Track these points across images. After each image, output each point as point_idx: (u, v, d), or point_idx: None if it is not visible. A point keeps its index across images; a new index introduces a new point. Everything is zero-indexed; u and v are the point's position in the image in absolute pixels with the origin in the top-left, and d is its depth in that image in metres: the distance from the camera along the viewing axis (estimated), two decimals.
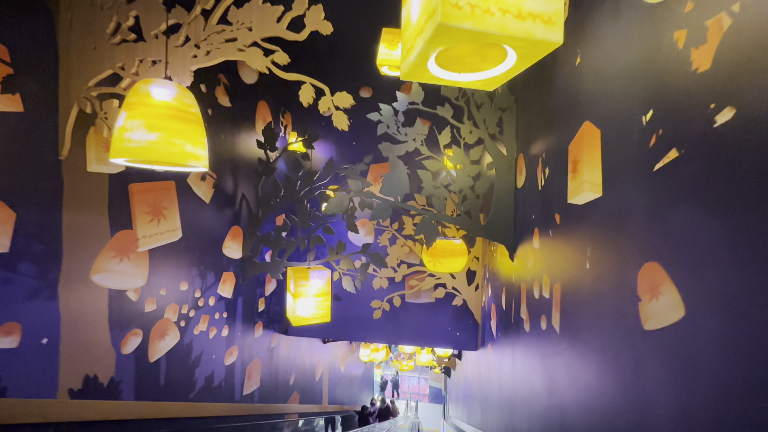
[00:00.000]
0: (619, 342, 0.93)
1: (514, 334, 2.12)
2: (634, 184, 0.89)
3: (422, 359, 6.91)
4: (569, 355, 1.28)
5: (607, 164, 1.04)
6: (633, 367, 0.88)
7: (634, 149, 0.89)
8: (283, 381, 4.52)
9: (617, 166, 0.98)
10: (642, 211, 0.85)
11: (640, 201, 0.86)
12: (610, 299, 0.99)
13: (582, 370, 1.17)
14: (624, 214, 0.93)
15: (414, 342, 4.24)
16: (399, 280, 3.99)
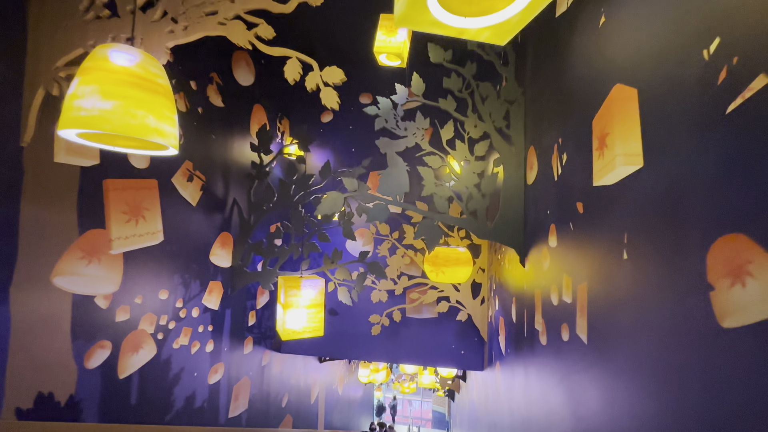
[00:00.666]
0: (679, 348, 0.71)
1: (528, 350, 1.87)
2: (696, 138, 0.68)
3: (424, 381, 6.53)
4: (601, 371, 1.05)
5: (649, 127, 0.84)
6: (702, 379, 0.65)
7: (692, 95, 0.70)
8: (274, 403, 4.21)
9: (665, 125, 0.78)
10: (711, 170, 0.65)
11: (707, 157, 0.66)
12: (662, 293, 0.77)
13: (620, 388, 0.93)
14: (680, 181, 0.73)
15: (415, 361, 3.95)
16: (399, 293, 3.74)
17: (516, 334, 2.21)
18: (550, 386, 1.50)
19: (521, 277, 2.10)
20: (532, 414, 1.76)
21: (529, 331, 1.86)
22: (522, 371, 2.02)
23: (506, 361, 2.52)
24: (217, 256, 3.00)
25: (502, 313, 2.70)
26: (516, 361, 2.20)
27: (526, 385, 1.90)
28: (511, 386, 2.31)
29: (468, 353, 3.85)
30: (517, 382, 2.12)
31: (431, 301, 3.68)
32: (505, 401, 2.50)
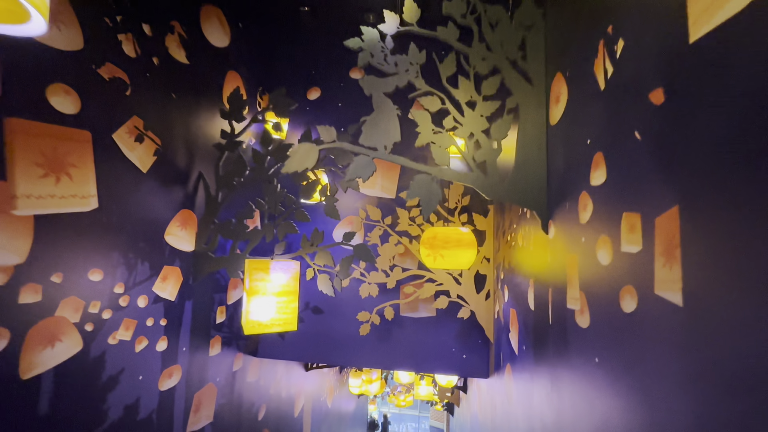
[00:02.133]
0: None
1: (555, 341, 1.41)
2: None
3: (421, 392, 5.98)
4: (718, 346, 0.59)
5: None
6: None
7: None
8: (248, 415, 3.67)
9: None
10: None
11: None
12: None
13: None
14: None
15: (410, 366, 3.45)
16: (392, 287, 3.27)
17: (535, 325, 1.75)
18: (598, 385, 1.03)
19: (543, 248, 1.64)
20: (564, 426, 1.28)
21: (558, 315, 1.40)
22: (546, 371, 1.54)
23: (520, 362, 2.05)
24: (176, 236, 2.54)
25: (514, 304, 2.24)
26: (535, 359, 1.72)
27: (552, 388, 1.43)
28: (529, 391, 1.82)
29: (471, 357, 3.36)
30: (539, 386, 1.64)
31: (428, 296, 3.20)
32: (520, 411, 2.01)
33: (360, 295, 3.30)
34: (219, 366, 3.10)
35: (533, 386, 1.75)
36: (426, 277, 3.21)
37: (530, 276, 1.87)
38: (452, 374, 3.41)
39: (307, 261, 2.62)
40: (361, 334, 3.31)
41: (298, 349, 3.68)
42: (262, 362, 3.92)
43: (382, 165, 3.62)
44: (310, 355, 3.70)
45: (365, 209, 3.35)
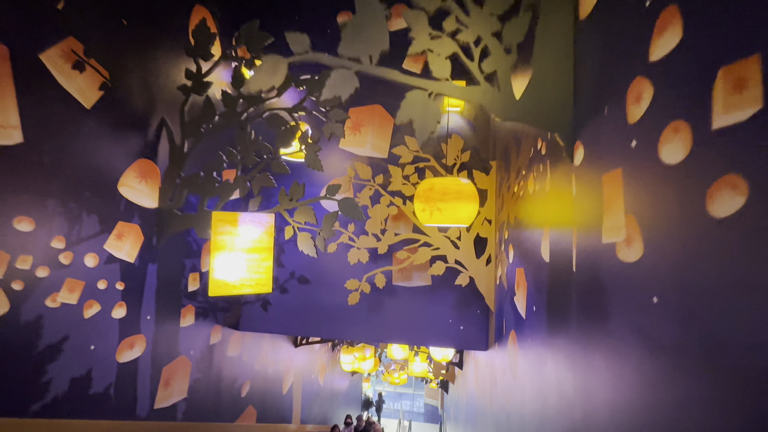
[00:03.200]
0: None
1: (584, 289, 1.12)
2: None
3: (415, 369, 5.80)
4: None
5: None
6: None
7: None
8: (230, 391, 3.43)
9: None
10: None
11: None
12: None
13: None
14: None
15: (404, 339, 3.20)
16: (383, 252, 2.97)
17: (551, 278, 1.46)
18: (659, 333, 0.74)
19: (564, 183, 1.33)
20: (596, 394, 1.00)
21: (587, 257, 1.10)
22: (565, 331, 1.26)
23: (529, 326, 1.77)
24: (133, 189, 2.20)
25: (522, 263, 1.95)
26: (550, 318, 1.44)
27: (577, 349, 1.14)
28: (541, 357, 1.55)
29: (468, 329, 3.11)
30: (555, 349, 1.36)
31: (423, 262, 2.91)
32: (529, 381, 1.75)
33: (348, 261, 3.01)
34: (192, 338, 2.82)
35: (547, 351, 1.47)
36: (421, 241, 2.91)
37: (544, 224, 1.57)
38: (449, 347, 3.18)
39: (286, 218, 2.30)
40: (350, 303, 3.03)
41: (282, 321, 3.41)
42: (245, 336, 3.66)
43: (373, 120, 3.27)
44: (296, 329, 3.44)
45: (354, 167, 3.01)
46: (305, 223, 2.24)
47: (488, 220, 2.83)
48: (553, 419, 1.42)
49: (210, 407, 3.12)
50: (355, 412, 9.67)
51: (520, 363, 1.93)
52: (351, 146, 3.27)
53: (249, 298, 3.44)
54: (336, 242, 3.04)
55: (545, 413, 1.49)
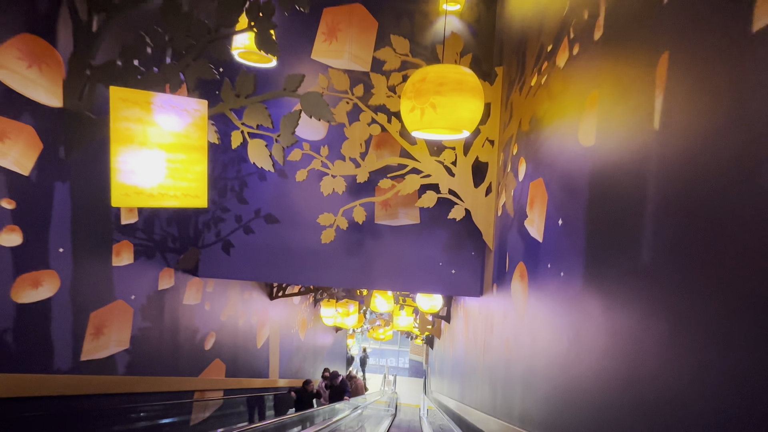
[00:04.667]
0: None
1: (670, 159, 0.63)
2: None
3: (401, 323, 5.55)
4: None
5: None
6: None
7: None
8: (189, 344, 3.03)
9: None
10: None
11: None
12: None
13: None
14: None
15: (387, 285, 2.81)
16: (363, 181, 2.48)
17: (596, 167, 0.99)
18: None
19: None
20: (638, 334, 0.54)
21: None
22: (622, 245, 0.81)
23: (549, 250, 1.35)
24: (16, 75, 1.60)
25: (541, 172, 1.49)
26: (592, 228, 1.00)
27: (649, 275, 0.69)
28: (568, 287, 1.13)
29: (461, 273, 2.72)
30: (597, 274, 0.92)
31: (411, 192, 2.44)
32: (542, 322, 1.35)
33: (321, 192, 2.51)
34: (132, 281, 2.34)
35: (583, 274, 1.04)
36: (409, 166, 2.42)
37: (585, 98, 1.08)
38: (438, 293, 2.81)
39: (233, 120, 1.76)
40: (323, 242, 2.58)
41: (248, 267, 2.95)
42: (207, 284, 3.21)
43: (352, 25, 2.66)
44: (264, 274, 3.00)
45: (327, 76, 2.43)
46: (258, 127, 1.71)
47: (490, 141, 2.34)
48: (584, 368, 1.01)
49: (165, 360, 2.72)
50: (341, 369, 9.63)
51: (532, 299, 1.52)
52: (325, 57, 2.67)
53: (208, 240, 2.95)
54: (306, 169, 2.53)
55: (572, 358, 1.09)
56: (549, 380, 1.28)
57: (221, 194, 2.95)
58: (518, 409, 1.63)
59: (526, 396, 1.53)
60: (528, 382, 1.50)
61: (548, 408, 1.29)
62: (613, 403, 0.89)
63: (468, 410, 3.06)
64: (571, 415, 1.11)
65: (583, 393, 1.04)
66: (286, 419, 3.69)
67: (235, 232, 2.96)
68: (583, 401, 1.05)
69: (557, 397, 1.21)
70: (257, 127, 1.73)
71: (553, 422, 1.24)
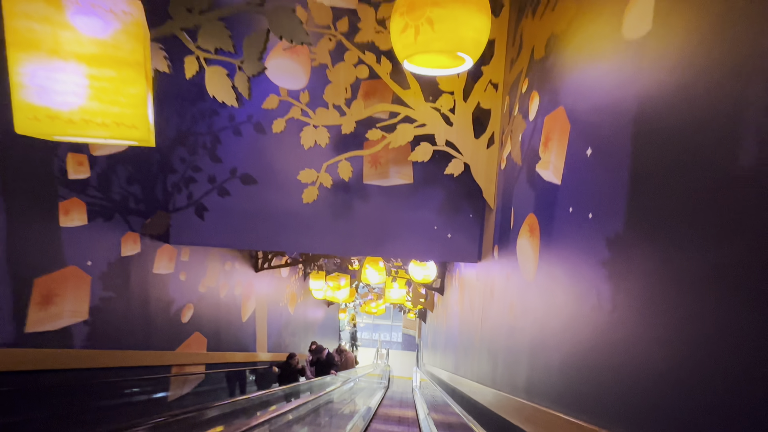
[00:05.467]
0: None
1: None
2: None
3: (393, 295, 5.40)
4: None
5: None
6: None
7: None
8: (163, 316, 2.80)
9: None
10: None
11: None
12: None
13: None
14: None
15: (377, 251, 2.57)
16: (349, 132, 2.18)
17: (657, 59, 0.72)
18: None
19: None
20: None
21: None
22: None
23: (570, 192, 1.10)
24: None
25: (562, 98, 1.22)
26: (639, 147, 0.74)
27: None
28: (595, 233, 0.89)
29: (458, 237, 2.48)
30: (641, 218, 0.67)
31: (403, 144, 2.16)
32: (560, 280, 1.12)
33: (302, 144, 2.22)
34: (87, 245, 2.07)
35: (624, 210, 0.79)
36: (401, 114, 2.13)
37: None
38: (432, 259, 2.59)
39: (185, 43, 1.44)
40: (305, 201, 2.31)
41: (225, 232, 2.69)
42: (181, 252, 2.95)
43: None
44: (242, 240, 2.73)
45: (307, 9, 2.09)
46: (216, 52, 1.41)
47: (494, 84, 2.05)
48: (623, 332, 0.79)
49: (135, 333, 2.48)
50: (333, 344, 9.59)
51: (544, 255, 1.29)
52: None
53: (179, 203, 2.67)
54: (284, 118, 2.22)
55: (604, 318, 0.86)
56: (567, 347, 1.06)
57: (191, 151, 2.64)
58: (523, 380, 1.43)
59: (534, 366, 1.32)
60: (537, 350, 1.29)
61: (564, 380, 1.07)
62: (662, 376, 0.67)
63: (461, 380, 2.91)
64: (595, 388, 0.90)
65: (615, 363, 0.82)
66: (279, 391, 3.54)
67: (209, 194, 2.67)
68: (613, 373, 0.83)
69: (577, 366, 1.00)
70: (216, 52, 1.42)
71: (570, 395, 1.03)
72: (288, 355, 4.31)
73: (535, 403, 1.27)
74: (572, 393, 1.02)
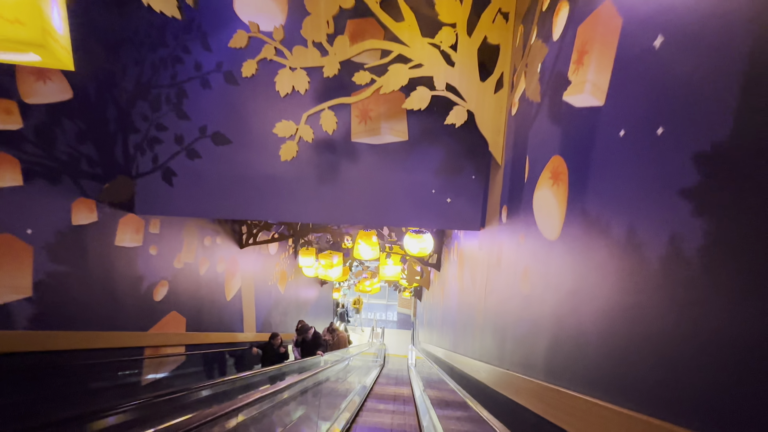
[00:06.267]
0: None
1: None
2: None
3: (387, 273, 5.17)
4: None
5: None
6: None
7: None
8: (132, 294, 2.52)
9: None
10: None
11: None
12: None
13: None
14: None
15: (367, 218, 2.29)
16: (332, 75, 1.86)
17: None
18: None
19: None
20: None
21: None
22: None
23: (618, 111, 0.81)
24: None
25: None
26: None
27: None
28: (663, 171, 0.59)
29: (458, 201, 2.21)
30: None
31: (396, 89, 1.84)
32: (591, 242, 0.84)
33: (277, 90, 1.89)
34: (24, 210, 1.76)
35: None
36: (394, 53, 1.80)
37: None
38: (430, 226, 2.33)
39: None
40: (282, 158, 2.01)
41: (197, 200, 2.38)
42: (149, 223, 2.65)
43: None
44: (216, 209, 2.43)
45: None
46: None
47: (503, 13, 1.72)
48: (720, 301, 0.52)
49: (97, 312, 2.21)
50: (327, 324, 9.44)
51: (575, 203, 1.01)
52: None
53: (143, 167, 2.35)
54: (255, 59, 1.89)
55: (677, 277, 0.59)
56: (615, 316, 0.80)
57: (154, 107, 2.30)
58: (542, 358, 1.18)
59: (559, 341, 1.07)
60: (565, 322, 1.04)
61: (610, 360, 0.82)
62: None
63: (461, 359, 2.71)
64: (670, 374, 0.64)
65: (705, 337, 0.56)
66: (273, 371, 3.31)
67: (177, 156, 2.35)
68: (701, 351, 0.57)
69: (636, 342, 0.74)
70: None
71: (620, 380, 0.78)
72: (270, 334, 4.08)
73: (558, 386, 1.02)
74: (624, 377, 0.77)
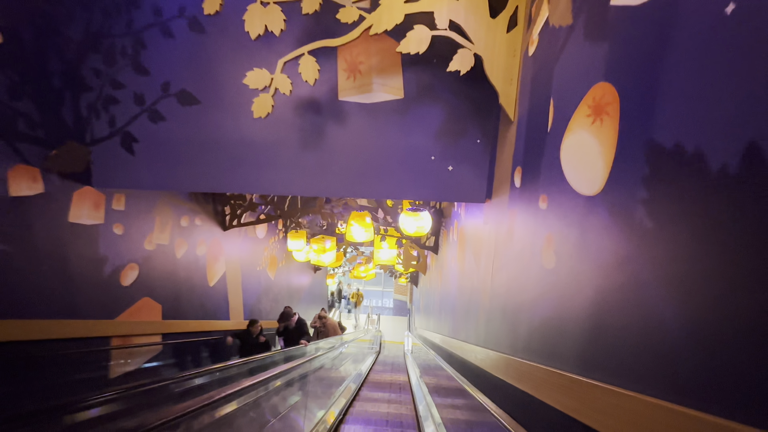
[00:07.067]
0: None
1: None
2: None
3: (382, 256, 4.92)
4: None
5: None
6: None
7: None
8: (93, 278, 2.24)
9: None
10: None
11: None
12: None
13: None
14: None
15: (356, 190, 2.01)
16: (311, 11, 1.55)
17: None
18: None
19: None
20: None
21: None
22: None
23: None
24: None
25: None
26: None
27: None
28: None
29: (461, 169, 1.93)
30: None
31: (390, 28, 1.54)
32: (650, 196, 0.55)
33: (247, 32, 1.58)
34: None
35: None
36: None
37: None
38: (428, 198, 2.06)
39: None
40: (255, 115, 1.71)
41: (163, 170, 2.08)
42: (112, 199, 2.35)
43: None
44: (185, 180, 2.14)
45: None
46: None
47: None
48: None
49: (48, 298, 1.93)
50: (317, 311, 9.23)
51: (629, 140, 0.74)
52: None
53: (99, 132, 2.04)
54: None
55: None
56: (704, 299, 0.54)
57: (109, 61, 1.98)
58: (577, 348, 0.93)
59: (603, 328, 0.81)
60: (614, 304, 0.78)
61: (697, 356, 0.56)
62: None
63: (454, 343, 2.48)
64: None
65: None
66: (267, 358, 3.08)
67: (138, 119, 2.04)
68: None
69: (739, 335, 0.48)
70: None
71: (712, 380, 0.52)
72: (249, 321, 3.83)
73: (606, 383, 0.77)
74: (721, 376, 0.51)
